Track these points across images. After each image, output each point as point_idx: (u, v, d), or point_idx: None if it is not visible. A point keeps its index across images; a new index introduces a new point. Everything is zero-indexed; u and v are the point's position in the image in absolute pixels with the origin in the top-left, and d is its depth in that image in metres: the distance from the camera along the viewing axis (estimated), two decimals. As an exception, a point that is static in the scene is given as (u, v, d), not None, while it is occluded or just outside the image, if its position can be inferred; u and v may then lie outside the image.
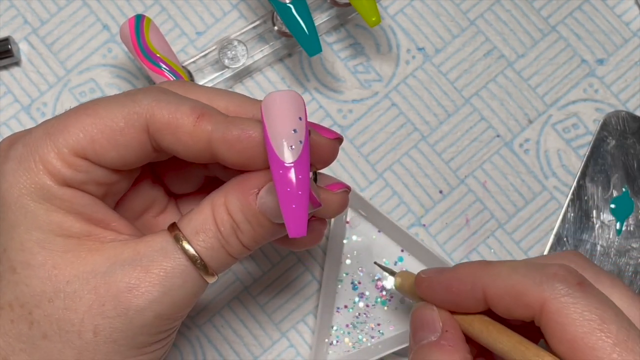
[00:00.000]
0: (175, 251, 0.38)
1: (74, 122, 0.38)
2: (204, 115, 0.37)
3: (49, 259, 0.37)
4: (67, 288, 0.37)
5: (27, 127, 0.53)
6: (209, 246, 0.38)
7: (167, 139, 0.38)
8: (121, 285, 0.37)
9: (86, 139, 0.37)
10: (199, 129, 0.37)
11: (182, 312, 0.39)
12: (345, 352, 0.50)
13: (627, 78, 0.54)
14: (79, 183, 0.38)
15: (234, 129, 0.37)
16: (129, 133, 0.38)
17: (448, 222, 0.52)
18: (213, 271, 0.38)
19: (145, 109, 0.38)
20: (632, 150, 0.52)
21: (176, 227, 0.38)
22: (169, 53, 0.50)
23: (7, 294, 0.38)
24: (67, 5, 0.54)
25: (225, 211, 0.38)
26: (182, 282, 0.38)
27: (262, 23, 0.52)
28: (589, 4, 0.54)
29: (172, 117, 0.37)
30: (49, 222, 0.38)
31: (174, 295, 0.38)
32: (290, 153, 0.36)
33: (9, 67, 0.53)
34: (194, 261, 0.38)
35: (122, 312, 0.37)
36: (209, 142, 0.37)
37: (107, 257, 0.38)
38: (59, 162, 0.37)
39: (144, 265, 0.37)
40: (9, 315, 0.38)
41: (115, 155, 0.38)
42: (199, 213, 0.38)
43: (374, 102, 0.53)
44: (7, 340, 0.38)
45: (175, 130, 0.37)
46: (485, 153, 0.53)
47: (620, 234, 0.52)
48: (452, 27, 0.54)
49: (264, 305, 0.51)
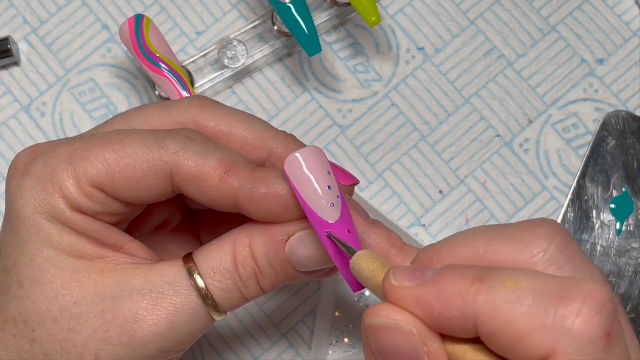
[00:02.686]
0: (188, 287, 0.37)
1: (98, 154, 0.37)
2: (231, 171, 0.37)
3: (58, 277, 0.37)
4: (74, 309, 0.37)
5: (27, 127, 0.53)
6: (224, 287, 0.37)
7: (191, 191, 0.37)
8: (128, 314, 0.37)
9: (107, 175, 0.37)
10: (225, 185, 0.36)
11: (186, 346, 0.39)
12: (345, 352, 0.50)
13: (627, 78, 0.54)
14: (92, 212, 0.37)
15: (261, 187, 0.36)
16: (151, 179, 0.37)
17: (448, 222, 0.52)
18: (222, 310, 0.38)
19: (172, 157, 0.37)
20: (632, 150, 0.52)
21: (191, 260, 0.38)
22: (168, 53, 0.50)
23: (11, 309, 0.38)
24: (66, 5, 0.54)
25: (250, 254, 0.37)
26: (190, 319, 0.37)
27: (262, 23, 0.52)
28: (589, 4, 0.54)
29: (198, 170, 0.37)
30: (61, 242, 0.37)
31: (180, 332, 0.37)
32: (332, 212, 0.35)
33: (8, 67, 0.53)
34: (205, 299, 0.37)
35: (126, 342, 0.37)
36: (235, 198, 0.37)
37: (117, 280, 0.37)
38: (76, 189, 0.37)
39: (154, 297, 0.37)
40: (12, 330, 0.37)
41: (132, 195, 0.37)
42: (218, 250, 0.38)
43: (374, 102, 0.53)
44: (9, 354, 0.37)
45: (201, 184, 0.37)
46: (485, 153, 0.53)
47: (620, 234, 0.51)
48: (452, 27, 0.54)
49: (263, 306, 0.51)
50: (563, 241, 0.31)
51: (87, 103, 0.53)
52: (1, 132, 0.53)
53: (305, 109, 0.53)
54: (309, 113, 0.53)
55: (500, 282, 0.29)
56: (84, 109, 0.53)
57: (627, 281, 0.51)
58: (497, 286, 0.29)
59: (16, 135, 0.53)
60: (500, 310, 0.28)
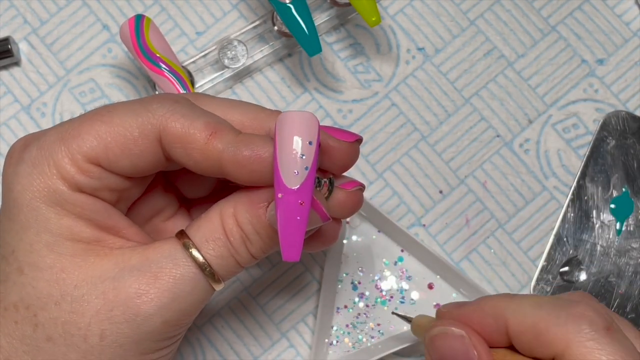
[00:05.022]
0: (184, 258, 0.38)
1: (88, 129, 0.38)
2: (216, 133, 0.37)
3: (57, 262, 0.37)
4: (74, 292, 0.37)
5: (27, 127, 0.53)
6: (218, 254, 0.38)
7: (177, 152, 0.38)
8: (130, 291, 0.37)
9: (100, 147, 0.37)
10: (210, 147, 0.37)
11: (189, 318, 0.39)
12: (345, 352, 0.50)
13: (627, 78, 0.54)
14: (91, 189, 0.38)
15: (244, 149, 0.37)
16: (142, 143, 0.38)
17: (448, 222, 0.52)
18: (220, 278, 0.38)
19: (159, 119, 0.37)
20: (632, 150, 0.52)
21: (185, 235, 0.38)
22: (168, 53, 0.50)
23: (12, 295, 0.38)
24: (67, 5, 0.54)
25: (235, 222, 0.38)
26: (191, 289, 0.38)
27: (262, 23, 0.52)
28: (589, 4, 0.54)
29: (184, 132, 0.37)
30: (59, 226, 0.38)
31: (182, 302, 0.38)
32: (294, 179, 0.36)
33: (8, 67, 0.53)
34: (203, 268, 0.38)
35: (130, 318, 0.37)
36: (220, 160, 0.37)
37: (115, 262, 0.38)
38: (73, 167, 0.37)
39: (153, 272, 0.37)
40: (14, 316, 0.38)
41: (128, 164, 0.38)
42: (207, 221, 0.38)
43: (374, 102, 0.53)
44: (10, 341, 0.38)
45: (187, 146, 0.37)
46: (485, 153, 0.53)
47: (620, 234, 0.51)
48: (452, 27, 0.54)
49: (264, 306, 0.51)
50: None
51: (87, 103, 0.53)
52: (1, 132, 0.53)
53: (306, 109, 0.53)
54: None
55: (524, 297, 0.37)
56: (84, 109, 0.53)
57: (627, 281, 0.51)
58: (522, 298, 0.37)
59: (16, 135, 0.53)
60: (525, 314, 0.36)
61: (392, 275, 0.51)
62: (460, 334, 0.38)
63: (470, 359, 0.37)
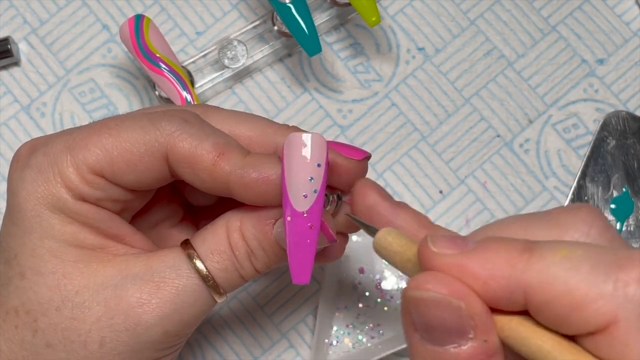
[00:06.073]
0: (188, 269, 0.38)
1: (95, 140, 0.38)
2: (224, 154, 0.37)
3: (59, 267, 0.37)
4: (76, 298, 0.37)
5: (27, 128, 0.53)
6: (222, 267, 0.38)
7: (184, 172, 0.38)
8: (132, 300, 0.37)
9: (105, 160, 0.37)
10: (218, 168, 0.37)
11: (190, 329, 0.39)
12: (345, 353, 0.50)
13: (627, 78, 0.53)
14: (95, 199, 0.38)
15: (252, 171, 0.37)
16: (148, 160, 0.37)
17: (448, 222, 0.52)
18: (223, 291, 0.38)
19: (167, 138, 0.37)
20: (632, 150, 0.52)
21: (189, 245, 0.38)
22: (168, 53, 0.50)
23: (13, 299, 0.38)
24: (66, 5, 0.54)
25: (241, 236, 0.38)
26: (193, 300, 0.38)
27: (262, 23, 0.52)
28: (589, 4, 0.54)
29: (192, 152, 0.37)
30: (63, 232, 0.38)
31: (184, 313, 0.38)
32: (302, 202, 0.35)
33: (8, 67, 0.53)
34: (206, 280, 0.38)
35: (131, 327, 0.37)
36: (227, 182, 0.37)
37: (118, 269, 0.38)
38: (77, 177, 0.37)
39: (156, 282, 0.37)
40: (14, 320, 0.38)
41: (132, 178, 0.38)
42: (213, 233, 0.38)
43: (374, 102, 0.53)
44: (10, 346, 0.38)
45: (194, 166, 0.37)
46: (485, 153, 0.53)
47: (620, 234, 0.51)
48: (452, 27, 0.54)
49: (263, 306, 0.51)
50: (603, 225, 0.30)
51: (87, 103, 0.53)
52: (1, 132, 0.53)
53: (305, 109, 0.53)
54: (309, 113, 0.53)
55: (553, 251, 0.28)
56: (84, 109, 0.53)
57: (627, 281, 0.51)
58: (550, 255, 0.28)
59: (16, 135, 0.53)
60: (555, 279, 0.27)
61: (392, 275, 0.51)
62: (458, 305, 0.28)
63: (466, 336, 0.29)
